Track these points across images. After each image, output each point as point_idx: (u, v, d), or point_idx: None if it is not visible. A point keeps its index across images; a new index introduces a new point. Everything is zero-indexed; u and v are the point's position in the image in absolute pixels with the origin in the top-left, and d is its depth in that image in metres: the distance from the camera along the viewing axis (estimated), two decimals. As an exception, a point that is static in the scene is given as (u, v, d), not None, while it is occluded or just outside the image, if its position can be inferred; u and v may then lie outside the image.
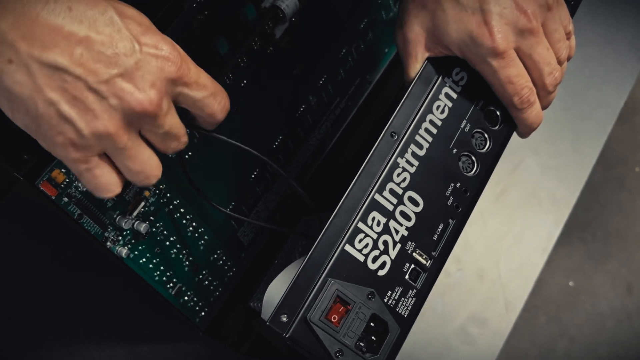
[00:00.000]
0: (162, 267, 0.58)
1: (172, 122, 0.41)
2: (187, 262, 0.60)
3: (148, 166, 0.42)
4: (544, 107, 0.56)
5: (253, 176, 0.65)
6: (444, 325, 0.79)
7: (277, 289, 0.47)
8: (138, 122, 0.40)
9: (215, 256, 0.63)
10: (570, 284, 1.68)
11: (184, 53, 0.41)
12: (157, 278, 0.58)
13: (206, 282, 0.63)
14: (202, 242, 0.61)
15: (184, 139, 0.43)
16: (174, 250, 0.59)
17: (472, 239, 0.82)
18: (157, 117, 0.40)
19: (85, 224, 0.50)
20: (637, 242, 1.73)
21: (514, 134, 0.58)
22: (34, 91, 0.37)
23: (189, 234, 0.60)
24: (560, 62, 0.54)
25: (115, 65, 0.38)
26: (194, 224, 0.60)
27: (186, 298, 0.62)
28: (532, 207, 0.85)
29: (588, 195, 1.72)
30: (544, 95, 0.54)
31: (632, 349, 1.63)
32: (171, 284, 0.59)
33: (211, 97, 0.43)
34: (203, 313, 0.64)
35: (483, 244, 0.83)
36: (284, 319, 0.44)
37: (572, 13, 0.58)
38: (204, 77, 0.42)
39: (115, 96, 0.38)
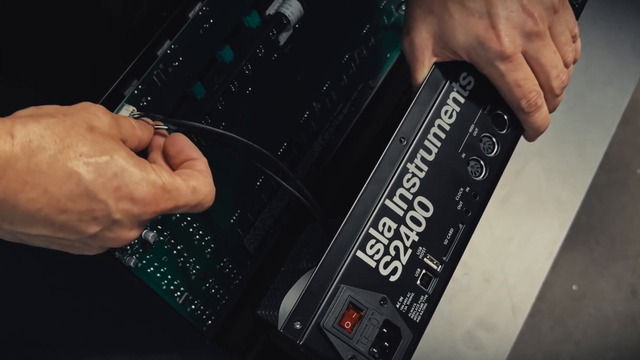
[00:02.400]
0: (169, 276, 0.58)
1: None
2: (194, 271, 0.60)
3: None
4: (550, 110, 0.56)
5: (258, 183, 0.65)
6: (451, 330, 0.79)
7: (292, 299, 0.47)
8: None
9: (222, 264, 0.63)
10: (574, 287, 1.67)
11: (159, 181, 0.42)
12: (164, 287, 0.58)
13: (213, 290, 0.63)
14: (209, 250, 0.61)
15: None
16: (181, 259, 0.58)
17: (478, 244, 0.82)
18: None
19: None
20: (641, 245, 1.73)
21: (521, 138, 0.58)
22: (24, 242, 0.41)
23: (196, 242, 0.59)
24: (566, 65, 0.54)
25: (95, 225, 0.40)
26: (200, 232, 0.59)
27: (193, 307, 0.61)
28: (537, 210, 0.85)
29: (591, 198, 1.72)
30: (551, 98, 0.54)
31: (638, 353, 1.62)
32: (178, 293, 0.59)
33: (194, 208, 0.45)
34: (210, 321, 0.64)
35: (489, 248, 0.82)
36: (298, 326, 0.44)
37: (577, 16, 0.58)
38: (182, 198, 0.44)
39: (98, 242, 0.42)
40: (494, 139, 0.55)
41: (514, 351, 0.79)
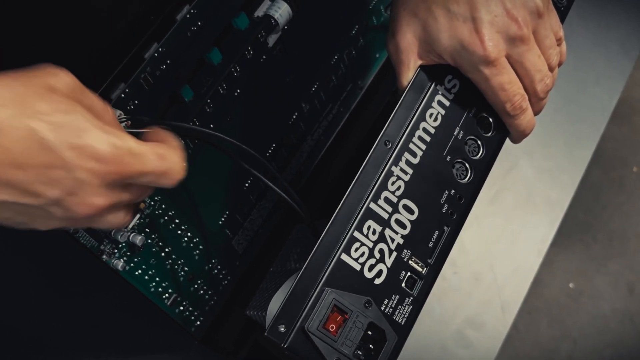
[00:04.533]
0: (157, 279, 0.58)
1: (115, 215, 0.43)
2: (182, 273, 0.60)
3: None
4: (535, 113, 0.56)
5: (247, 184, 0.65)
6: (441, 329, 0.79)
7: (279, 301, 0.47)
8: (84, 222, 0.42)
9: (210, 265, 0.64)
10: (571, 285, 1.68)
11: (124, 144, 0.40)
12: (152, 289, 0.58)
13: (201, 292, 0.63)
14: (197, 252, 0.61)
15: (126, 220, 0.45)
16: (169, 261, 0.59)
17: (467, 242, 0.82)
18: (101, 215, 0.42)
19: (81, 238, 0.50)
20: (638, 242, 1.73)
21: (507, 140, 0.58)
22: None
23: (184, 244, 0.60)
24: (551, 69, 0.54)
25: (56, 187, 0.38)
26: (188, 234, 0.60)
27: (182, 308, 0.62)
28: (526, 209, 0.86)
29: (588, 196, 1.72)
30: (536, 102, 0.55)
31: (636, 351, 1.62)
32: (167, 295, 0.59)
33: (161, 177, 0.43)
34: (199, 322, 0.64)
35: (478, 247, 0.83)
36: (282, 329, 0.44)
37: (562, 19, 0.59)
38: (149, 163, 0.41)
39: (62, 210, 0.40)
40: (479, 142, 0.55)
41: (511, 349, 0.79)
